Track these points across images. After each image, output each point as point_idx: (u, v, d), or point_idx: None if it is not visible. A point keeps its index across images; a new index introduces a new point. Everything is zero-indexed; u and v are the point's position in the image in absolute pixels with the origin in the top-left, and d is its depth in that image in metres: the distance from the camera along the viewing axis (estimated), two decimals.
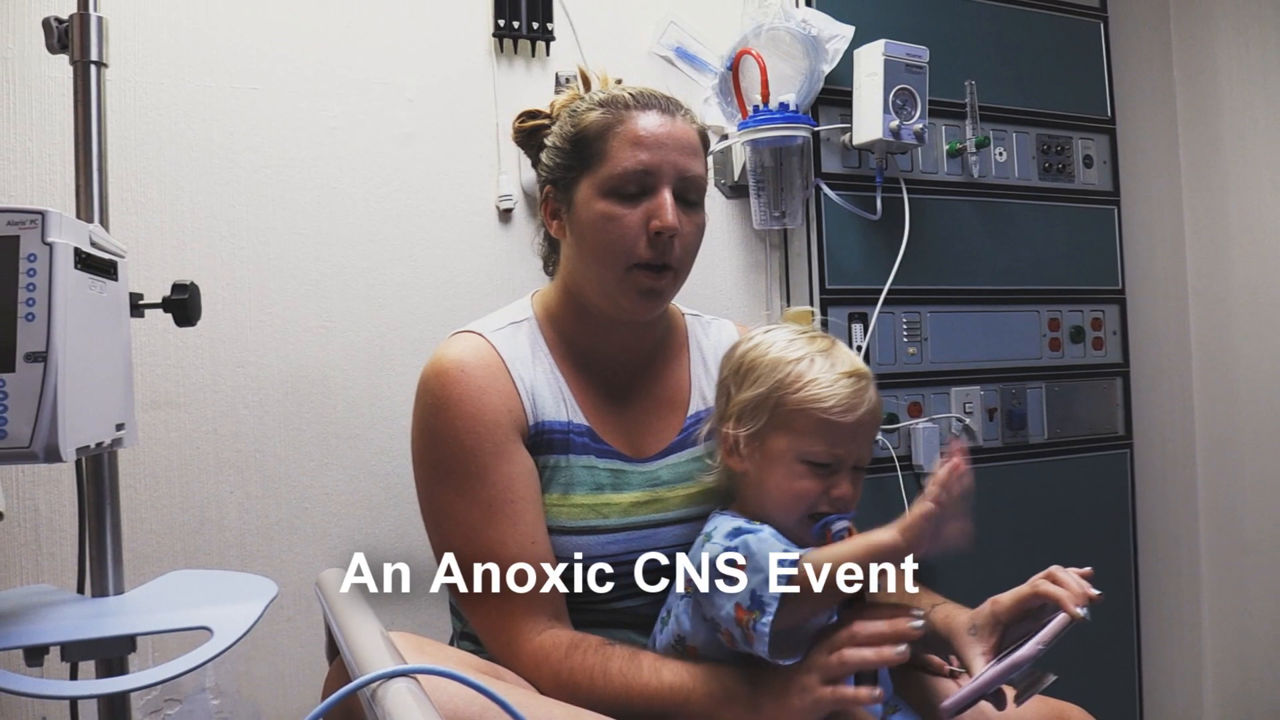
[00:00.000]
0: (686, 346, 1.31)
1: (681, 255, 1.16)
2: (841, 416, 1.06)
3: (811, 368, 1.08)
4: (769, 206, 1.70)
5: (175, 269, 1.45)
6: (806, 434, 1.06)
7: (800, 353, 1.10)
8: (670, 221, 1.12)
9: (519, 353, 1.18)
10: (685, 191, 1.16)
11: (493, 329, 1.20)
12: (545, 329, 1.23)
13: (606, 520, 1.15)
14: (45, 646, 0.93)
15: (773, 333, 1.15)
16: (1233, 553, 2.15)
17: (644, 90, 1.19)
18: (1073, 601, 0.97)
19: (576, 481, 1.15)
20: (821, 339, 1.13)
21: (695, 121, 1.21)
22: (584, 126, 1.18)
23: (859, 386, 1.08)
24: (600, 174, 1.15)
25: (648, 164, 1.13)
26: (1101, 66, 2.12)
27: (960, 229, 1.92)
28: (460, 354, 1.15)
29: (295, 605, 1.50)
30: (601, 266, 1.15)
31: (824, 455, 1.06)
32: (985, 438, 1.92)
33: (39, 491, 1.38)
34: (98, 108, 1.06)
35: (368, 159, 1.58)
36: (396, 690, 0.71)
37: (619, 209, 1.13)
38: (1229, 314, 2.15)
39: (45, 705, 1.36)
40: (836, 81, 1.75)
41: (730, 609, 0.97)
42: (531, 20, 1.65)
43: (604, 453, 1.18)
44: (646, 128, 1.15)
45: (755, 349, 1.13)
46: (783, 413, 1.08)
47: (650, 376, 1.26)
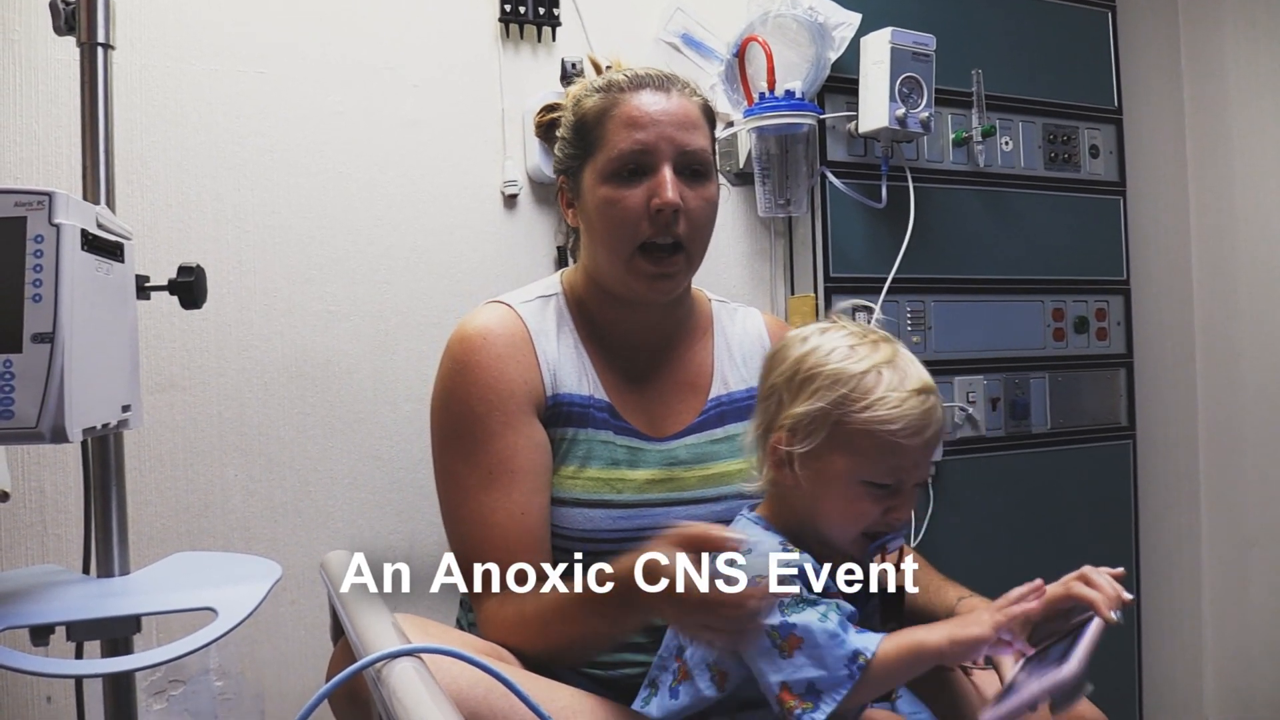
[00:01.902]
0: (710, 331, 1.31)
1: (690, 232, 1.16)
2: (909, 439, 0.96)
3: (879, 384, 0.97)
4: (774, 194, 1.69)
5: (180, 252, 1.45)
6: (870, 456, 0.97)
7: (864, 364, 0.99)
8: (670, 198, 1.12)
9: (545, 325, 1.20)
10: (687, 165, 1.15)
11: (522, 300, 1.22)
12: (572, 306, 1.24)
13: (620, 495, 1.15)
14: (51, 626, 0.93)
15: (830, 335, 1.03)
16: (1234, 544, 2.15)
17: (639, 70, 1.20)
18: (1107, 606, 0.92)
19: (593, 455, 1.16)
20: (884, 345, 1.02)
21: (695, 95, 1.20)
22: (584, 113, 1.19)
23: (928, 406, 0.98)
24: (600, 159, 1.16)
25: (644, 143, 1.13)
26: (1109, 56, 2.11)
27: (965, 218, 1.91)
28: (486, 322, 1.17)
29: (299, 588, 1.51)
30: (610, 251, 1.16)
31: (887, 477, 0.98)
32: (988, 427, 1.92)
33: (44, 472, 1.38)
34: (104, 90, 1.06)
35: (373, 144, 1.58)
36: (402, 669, 0.72)
37: (620, 191, 1.14)
38: (1233, 306, 2.15)
39: (50, 684, 1.37)
40: (843, 69, 1.75)
41: (776, 685, 0.91)
42: (538, 6, 1.65)
43: (622, 429, 1.19)
44: (640, 107, 1.15)
45: (812, 355, 1.01)
46: (844, 431, 0.97)
47: (672, 358, 1.27)
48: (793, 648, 0.91)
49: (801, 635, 0.91)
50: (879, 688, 0.95)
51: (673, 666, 1.05)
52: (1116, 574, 0.97)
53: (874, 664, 0.91)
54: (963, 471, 1.88)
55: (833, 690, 0.90)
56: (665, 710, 1.02)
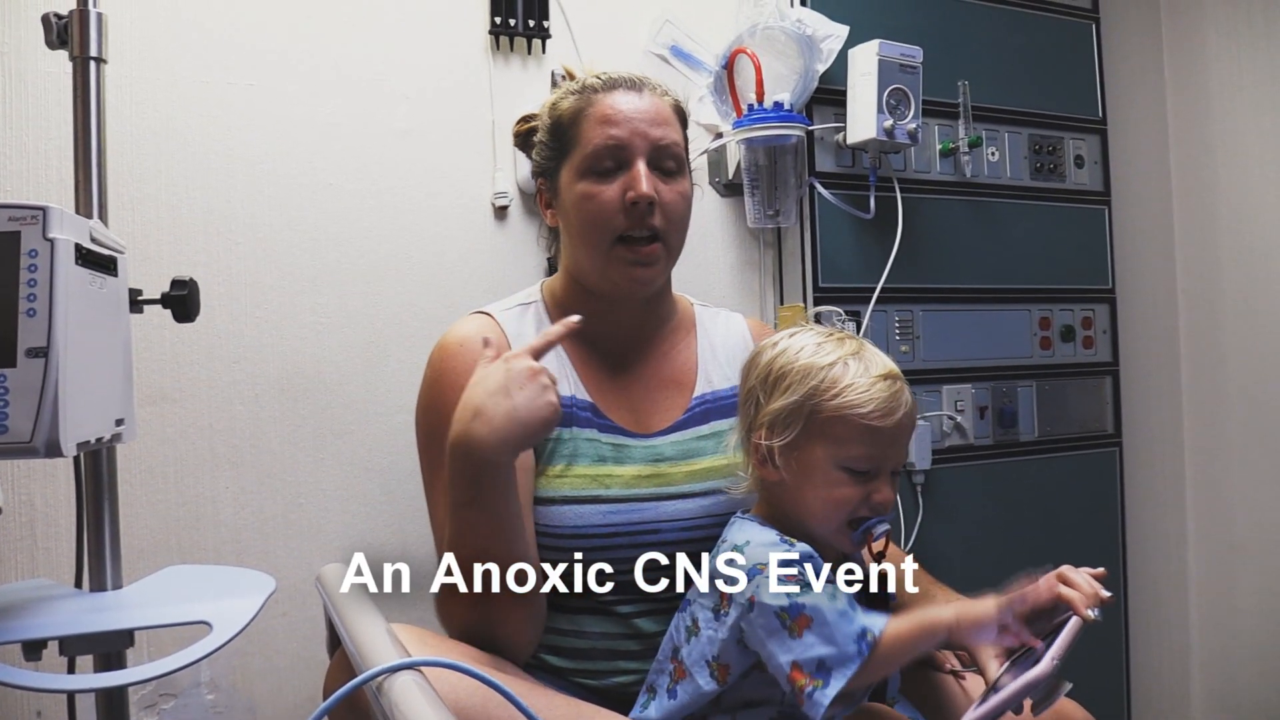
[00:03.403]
0: (694, 332, 1.33)
1: (666, 225, 1.19)
2: (880, 421, 1.02)
3: (846, 372, 1.04)
4: (763, 205, 1.70)
5: (172, 265, 1.45)
6: (845, 441, 1.03)
7: (831, 357, 1.05)
8: (645, 190, 1.15)
9: (524, 330, 1.22)
10: (661, 160, 1.18)
11: (502, 309, 1.26)
12: (551, 310, 1.27)
13: (609, 490, 1.16)
14: (43, 641, 0.92)
15: (799, 336, 1.10)
16: (1221, 550, 2.16)
17: (613, 73, 1.23)
18: (1084, 604, 0.95)
19: (579, 453, 1.17)
20: (850, 340, 1.09)
21: (666, 95, 1.24)
22: (559, 115, 1.22)
23: (895, 389, 1.04)
24: (576, 157, 1.19)
25: (618, 138, 1.16)
26: (1093, 67, 2.13)
27: (953, 228, 1.93)
28: (465, 331, 1.20)
29: (291, 600, 1.50)
30: (588, 245, 1.19)
31: (863, 462, 1.03)
32: (976, 435, 1.93)
33: (35, 486, 1.38)
34: (97, 103, 1.06)
35: (364, 156, 1.58)
36: (402, 683, 0.72)
37: (596, 187, 1.17)
38: (1218, 314, 2.17)
39: (41, 699, 1.36)
40: (831, 81, 1.76)
41: (786, 665, 0.94)
42: (528, 18, 1.66)
43: (606, 427, 1.20)
44: (614, 105, 1.18)
45: (782, 355, 1.08)
46: (819, 420, 1.03)
47: (655, 356, 1.28)
48: (802, 627, 0.94)
49: (811, 614, 0.94)
50: (887, 666, 0.97)
51: (669, 668, 1.06)
52: (1097, 574, 1.00)
53: (883, 641, 0.94)
54: (951, 480, 1.89)
55: (842, 666, 0.92)
56: (665, 711, 1.03)
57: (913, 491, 1.83)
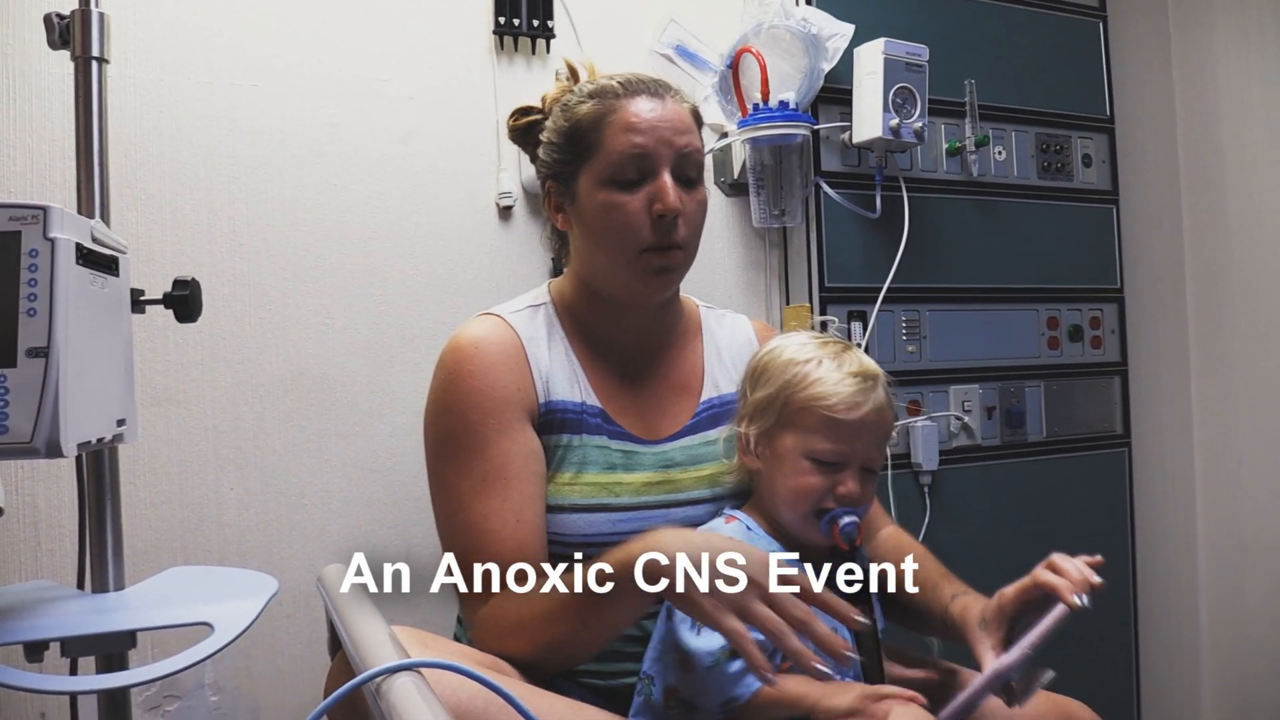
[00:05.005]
0: (700, 335, 1.33)
1: (688, 234, 1.18)
2: (845, 414, 1.09)
3: (819, 368, 1.12)
4: (769, 205, 1.70)
5: (175, 265, 1.45)
6: (812, 431, 1.10)
7: (810, 355, 1.14)
8: (673, 204, 1.14)
9: (536, 333, 1.21)
10: (684, 169, 1.17)
11: (512, 311, 1.24)
12: (561, 313, 1.25)
13: (618, 499, 1.16)
14: (45, 642, 0.92)
15: (791, 337, 1.19)
16: (1231, 551, 2.15)
17: (632, 77, 1.21)
18: (1070, 590, 0.97)
19: (589, 461, 1.17)
20: (835, 343, 1.16)
21: (686, 101, 1.23)
22: (577, 119, 1.19)
23: (864, 386, 1.11)
24: (598, 164, 1.17)
25: (644, 147, 1.15)
26: (1101, 66, 2.12)
27: (959, 228, 1.92)
28: (478, 333, 1.18)
29: (294, 602, 1.50)
30: (611, 255, 1.17)
31: (829, 454, 1.09)
32: (984, 436, 1.92)
33: (38, 487, 1.38)
34: (99, 104, 1.06)
35: (368, 156, 1.58)
36: (402, 684, 0.72)
37: (621, 196, 1.15)
38: (1227, 313, 2.16)
39: (44, 700, 1.36)
40: (836, 80, 1.75)
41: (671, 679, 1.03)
42: (532, 18, 1.66)
43: (616, 434, 1.19)
44: (638, 113, 1.16)
45: (770, 352, 1.18)
46: (790, 411, 1.11)
47: (664, 361, 1.28)
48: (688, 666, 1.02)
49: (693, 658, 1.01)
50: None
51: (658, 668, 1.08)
52: (1093, 561, 1.02)
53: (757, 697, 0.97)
54: (958, 480, 1.88)
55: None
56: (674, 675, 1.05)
57: (920, 492, 1.82)
